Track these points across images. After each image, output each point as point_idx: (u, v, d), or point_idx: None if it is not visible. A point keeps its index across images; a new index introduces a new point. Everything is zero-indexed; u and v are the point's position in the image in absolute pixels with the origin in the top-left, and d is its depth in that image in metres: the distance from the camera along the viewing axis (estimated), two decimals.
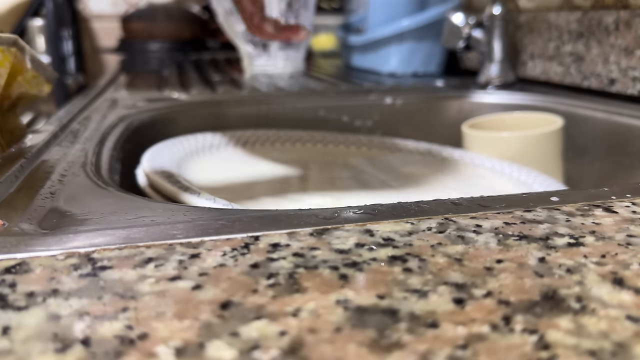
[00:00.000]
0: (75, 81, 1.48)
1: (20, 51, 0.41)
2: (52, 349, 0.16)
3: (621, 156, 0.58)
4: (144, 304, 0.18)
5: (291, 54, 0.97)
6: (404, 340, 0.16)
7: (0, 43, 0.39)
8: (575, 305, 0.18)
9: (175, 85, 0.80)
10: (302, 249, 0.22)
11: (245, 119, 0.65)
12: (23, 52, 0.41)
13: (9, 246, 0.23)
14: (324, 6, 1.45)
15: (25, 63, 0.41)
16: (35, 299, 0.18)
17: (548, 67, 0.73)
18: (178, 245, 0.23)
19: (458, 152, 0.59)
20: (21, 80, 0.42)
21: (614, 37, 0.62)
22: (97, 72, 1.68)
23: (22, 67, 0.41)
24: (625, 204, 0.27)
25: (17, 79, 0.41)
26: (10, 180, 0.33)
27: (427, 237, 0.23)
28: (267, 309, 0.17)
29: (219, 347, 0.16)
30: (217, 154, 0.54)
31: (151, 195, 0.40)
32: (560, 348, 0.15)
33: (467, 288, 0.19)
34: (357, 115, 0.69)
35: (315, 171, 0.53)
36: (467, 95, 0.73)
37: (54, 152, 0.41)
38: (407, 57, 0.91)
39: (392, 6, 0.90)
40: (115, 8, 1.71)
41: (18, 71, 0.41)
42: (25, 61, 0.41)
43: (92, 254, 0.22)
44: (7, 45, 0.39)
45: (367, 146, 0.61)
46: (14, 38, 0.40)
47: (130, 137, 0.52)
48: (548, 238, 0.23)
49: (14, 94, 0.42)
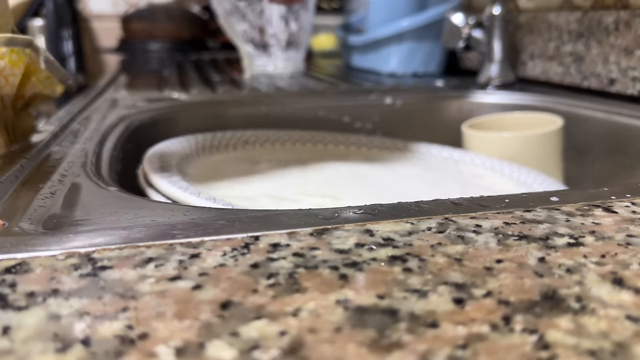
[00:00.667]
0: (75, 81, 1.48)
1: (34, 52, 0.41)
2: (52, 348, 0.16)
3: (621, 156, 0.58)
4: (144, 304, 0.18)
5: (291, 54, 0.97)
6: (404, 340, 0.16)
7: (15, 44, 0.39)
8: (575, 305, 0.18)
9: (175, 85, 0.80)
10: (302, 249, 0.22)
11: (245, 119, 0.65)
12: (37, 53, 0.42)
13: (9, 246, 0.23)
14: (324, 6, 1.45)
15: (39, 64, 0.42)
16: (36, 299, 0.18)
17: (548, 67, 0.73)
18: (178, 245, 0.23)
19: (458, 152, 0.59)
20: (35, 80, 0.42)
21: (614, 37, 0.62)
22: (97, 72, 1.68)
23: (36, 68, 0.42)
24: (625, 204, 0.27)
25: (31, 80, 0.42)
26: (10, 180, 0.33)
27: (427, 237, 0.23)
28: (267, 309, 0.18)
29: (219, 347, 0.16)
30: (217, 154, 0.54)
31: (151, 195, 0.40)
32: (560, 348, 0.15)
33: (467, 288, 0.19)
34: (357, 116, 0.69)
35: (315, 171, 0.53)
36: (467, 95, 0.73)
37: (54, 152, 0.41)
38: (407, 57, 0.91)
39: (392, 6, 0.90)
40: (115, 8, 1.71)
41: (32, 72, 0.42)
42: (39, 62, 0.42)
43: (92, 254, 0.22)
44: (22, 47, 0.40)
45: (367, 146, 0.61)
46: (29, 39, 0.41)
47: (130, 137, 0.52)
48: (548, 238, 0.23)
49: (28, 94, 0.43)
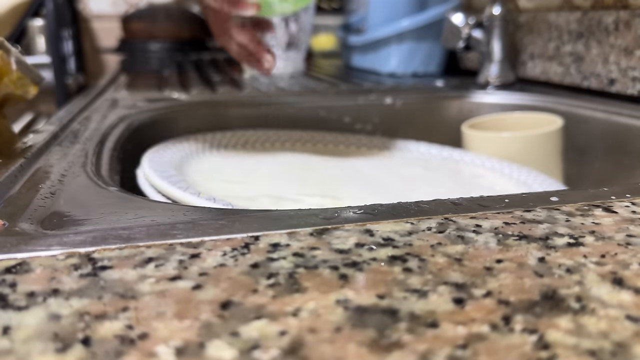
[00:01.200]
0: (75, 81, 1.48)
1: (6, 53, 0.41)
2: (52, 348, 0.16)
3: (621, 156, 0.58)
4: (144, 304, 0.18)
5: (291, 55, 0.97)
6: (404, 340, 0.16)
7: None
8: (575, 305, 0.18)
9: (175, 85, 0.80)
10: (302, 249, 0.22)
11: (245, 119, 0.65)
12: (9, 53, 0.42)
13: (9, 246, 0.23)
14: (324, 6, 1.45)
15: (10, 65, 0.42)
16: (36, 299, 0.18)
17: (548, 67, 0.73)
18: (178, 245, 0.23)
19: (458, 152, 0.59)
20: (7, 81, 0.42)
21: (614, 37, 0.62)
22: (97, 72, 1.68)
23: (8, 69, 0.42)
24: (625, 204, 0.27)
25: (3, 81, 0.42)
26: (10, 180, 0.33)
27: (427, 237, 0.23)
28: (267, 309, 0.18)
29: (219, 346, 0.16)
30: (217, 154, 0.54)
31: (151, 195, 0.40)
32: (560, 348, 0.15)
33: (467, 288, 0.19)
34: (357, 116, 0.69)
35: (315, 171, 0.53)
36: (467, 95, 0.73)
37: (54, 152, 0.41)
38: (407, 57, 0.91)
39: (392, 6, 0.90)
40: (115, 8, 1.71)
41: (4, 73, 0.42)
42: (10, 63, 0.42)
43: (92, 254, 0.22)
44: None
45: (367, 146, 0.61)
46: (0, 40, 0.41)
47: (130, 137, 0.52)
48: (548, 238, 0.23)
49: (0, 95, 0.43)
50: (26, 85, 0.44)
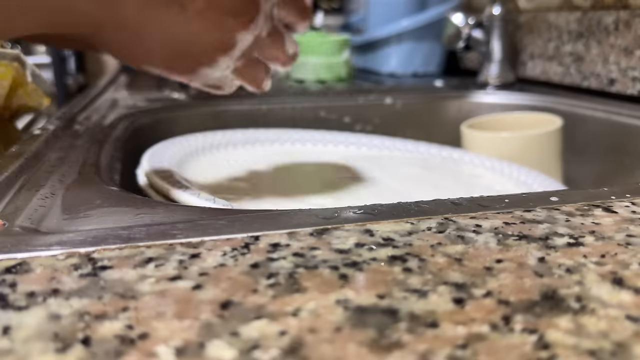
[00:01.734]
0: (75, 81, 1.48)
1: (21, 65, 0.42)
2: (52, 348, 0.16)
3: (621, 156, 0.58)
4: (144, 304, 0.18)
5: None
6: (404, 340, 0.16)
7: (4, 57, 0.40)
8: (575, 305, 0.18)
9: (175, 85, 0.80)
10: (302, 249, 0.22)
11: (245, 119, 0.65)
12: (24, 66, 0.43)
13: (9, 246, 0.23)
14: (324, 6, 1.45)
15: (25, 77, 0.43)
16: (36, 299, 0.18)
17: (548, 67, 0.73)
18: (178, 245, 0.23)
19: (458, 152, 0.59)
20: (22, 92, 0.43)
21: (614, 37, 0.62)
22: (97, 72, 1.68)
23: (23, 81, 0.43)
24: (625, 204, 0.27)
25: (18, 92, 0.43)
26: (10, 180, 0.33)
27: (427, 237, 0.23)
28: (267, 309, 0.18)
29: (219, 347, 0.16)
30: (217, 154, 0.54)
31: (151, 195, 0.40)
32: (560, 348, 0.15)
33: (467, 288, 0.19)
34: (357, 116, 0.69)
35: (315, 171, 0.53)
36: (467, 95, 0.73)
37: (54, 152, 0.41)
38: (407, 57, 0.91)
39: (392, 6, 0.91)
40: None
41: (19, 84, 0.43)
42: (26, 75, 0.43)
43: (92, 254, 0.22)
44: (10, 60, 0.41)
45: (367, 146, 0.61)
46: (16, 54, 0.42)
47: (130, 137, 0.52)
48: (548, 238, 0.23)
49: (14, 105, 0.43)
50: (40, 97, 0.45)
